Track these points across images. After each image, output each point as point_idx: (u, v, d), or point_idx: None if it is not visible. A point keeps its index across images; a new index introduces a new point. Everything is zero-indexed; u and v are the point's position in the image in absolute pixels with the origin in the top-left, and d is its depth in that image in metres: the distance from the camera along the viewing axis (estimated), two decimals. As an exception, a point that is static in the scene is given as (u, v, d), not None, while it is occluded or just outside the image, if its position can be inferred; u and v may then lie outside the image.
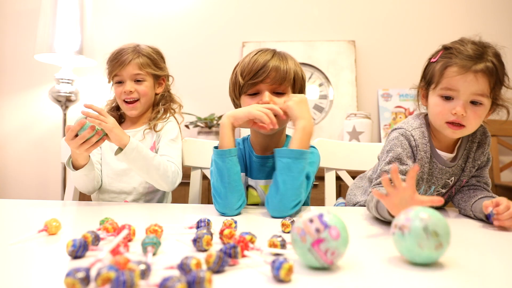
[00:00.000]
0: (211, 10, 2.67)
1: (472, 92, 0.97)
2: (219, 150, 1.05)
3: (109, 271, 0.49)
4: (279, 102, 1.10)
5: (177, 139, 1.41)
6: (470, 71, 0.96)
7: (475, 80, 0.96)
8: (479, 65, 0.96)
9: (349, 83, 2.54)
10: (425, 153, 1.06)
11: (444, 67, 1.00)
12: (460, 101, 0.98)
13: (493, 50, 1.00)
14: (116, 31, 2.67)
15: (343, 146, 1.50)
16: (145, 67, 1.39)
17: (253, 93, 1.12)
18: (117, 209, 1.13)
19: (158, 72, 1.44)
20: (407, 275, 0.58)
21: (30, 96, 2.68)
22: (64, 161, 1.29)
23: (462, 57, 0.97)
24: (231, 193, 1.04)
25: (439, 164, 1.08)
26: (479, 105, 0.98)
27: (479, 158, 1.10)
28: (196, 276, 0.49)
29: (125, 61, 1.36)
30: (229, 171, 1.05)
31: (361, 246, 0.76)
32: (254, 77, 1.09)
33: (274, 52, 1.13)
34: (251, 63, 1.10)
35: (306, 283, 0.54)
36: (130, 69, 1.37)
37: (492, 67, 0.96)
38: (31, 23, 2.54)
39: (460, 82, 0.97)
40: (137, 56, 1.38)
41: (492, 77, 0.97)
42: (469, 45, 0.99)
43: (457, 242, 0.74)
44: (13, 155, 2.68)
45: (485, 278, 0.58)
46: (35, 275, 0.58)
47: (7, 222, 0.97)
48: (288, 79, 1.11)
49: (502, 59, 1.00)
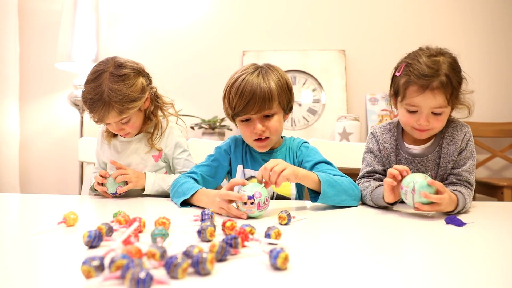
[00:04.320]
0: (214, 23, 2.66)
1: (432, 107, 1.02)
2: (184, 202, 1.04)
3: (121, 259, 0.49)
4: (272, 127, 1.11)
5: (184, 144, 1.35)
6: (427, 90, 0.99)
7: (432, 98, 1.00)
8: (435, 82, 0.99)
9: (339, 89, 2.53)
10: (389, 145, 1.15)
11: (405, 86, 1.04)
12: (423, 114, 1.03)
13: (448, 58, 1.02)
14: (128, 41, 2.67)
15: (334, 146, 1.50)
16: (123, 112, 1.17)
17: (245, 119, 1.12)
18: (128, 203, 1.13)
19: (138, 103, 1.20)
20: (399, 264, 0.58)
21: (51, 100, 2.67)
22: (80, 159, 1.28)
23: (419, 75, 1.00)
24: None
25: (404, 154, 1.13)
26: (440, 114, 1.03)
27: (453, 154, 1.08)
28: (200, 256, 0.49)
29: (102, 118, 1.18)
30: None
31: (355, 237, 0.76)
32: (243, 110, 1.08)
33: (258, 74, 1.09)
34: (238, 96, 1.08)
35: (301, 270, 0.54)
36: (110, 119, 1.19)
37: (446, 80, 0.99)
38: (52, 35, 2.54)
39: (419, 100, 1.01)
40: (111, 108, 1.15)
41: (448, 89, 1.00)
42: (425, 60, 1.01)
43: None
44: (36, 154, 2.67)
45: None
46: (55, 263, 0.58)
47: (30, 215, 0.97)
48: (274, 100, 1.09)
49: (459, 65, 1.04)
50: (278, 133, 1.16)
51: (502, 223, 0.89)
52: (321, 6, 2.63)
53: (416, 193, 0.89)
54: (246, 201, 0.87)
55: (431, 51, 1.04)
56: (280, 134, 1.18)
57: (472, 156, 1.09)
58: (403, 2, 2.60)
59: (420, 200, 0.89)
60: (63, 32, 2.27)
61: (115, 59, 1.22)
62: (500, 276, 0.54)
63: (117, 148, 1.33)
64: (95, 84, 1.16)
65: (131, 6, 2.67)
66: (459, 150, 1.08)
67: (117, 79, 1.16)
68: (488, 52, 2.54)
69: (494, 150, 2.43)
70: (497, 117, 2.50)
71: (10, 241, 0.70)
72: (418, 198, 0.89)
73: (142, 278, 0.43)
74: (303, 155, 1.19)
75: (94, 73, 1.19)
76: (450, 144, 1.09)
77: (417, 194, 0.89)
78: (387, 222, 0.89)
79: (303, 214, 0.94)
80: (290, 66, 2.55)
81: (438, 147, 1.10)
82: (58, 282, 0.50)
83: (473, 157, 1.09)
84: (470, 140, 1.10)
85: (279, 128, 1.14)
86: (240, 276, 0.51)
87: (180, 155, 1.33)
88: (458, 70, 1.03)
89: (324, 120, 2.51)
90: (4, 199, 1.18)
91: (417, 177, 0.91)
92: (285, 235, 0.72)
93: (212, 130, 2.41)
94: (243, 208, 0.88)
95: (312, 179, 0.99)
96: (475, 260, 0.61)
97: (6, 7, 2.47)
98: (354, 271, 0.54)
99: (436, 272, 0.53)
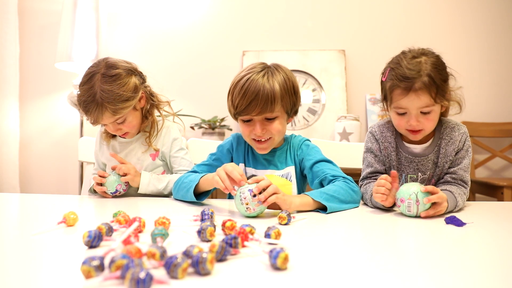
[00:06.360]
0: (214, 23, 2.66)
1: (418, 107, 1.03)
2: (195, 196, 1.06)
3: (121, 259, 0.49)
4: (273, 130, 1.11)
5: (182, 143, 1.35)
6: (411, 92, 1.01)
7: (417, 98, 1.01)
8: (417, 83, 1.00)
9: (339, 89, 2.53)
10: (389, 144, 1.15)
11: (391, 90, 1.06)
12: (412, 115, 1.04)
13: (431, 58, 1.04)
14: (128, 41, 2.67)
15: (334, 146, 1.50)
16: (117, 112, 1.17)
17: (247, 120, 1.12)
18: (128, 203, 1.13)
19: (131, 102, 1.20)
20: (399, 263, 0.58)
21: (50, 100, 2.67)
22: (80, 159, 1.29)
23: (401, 78, 1.02)
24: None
25: (404, 153, 1.13)
26: (429, 113, 1.04)
27: (451, 154, 1.10)
28: (200, 256, 0.49)
29: (96, 119, 1.18)
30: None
31: (355, 237, 0.76)
32: (245, 110, 1.08)
33: (264, 74, 1.08)
34: (241, 95, 1.07)
35: (301, 270, 0.53)
36: (105, 120, 1.20)
37: (428, 80, 1.00)
38: (52, 35, 2.54)
39: (405, 102, 1.03)
40: (105, 109, 1.15)
41: (432, 88, 1.00)
42: (406, 63, 1.03)
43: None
44: (36, 154, 2.67)
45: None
46: (55, 263, 0.58)
47: (30, 215, 0.97)
48: (276, 102, 1.07)
49: (443, 63, 1.05)
50: (280, 135, 1.15)
51: (502, 223, 0.89)
52: (321, 6, 2.63)
53: (420, 203, 0.90)
54: (255, 194, 0.87)
55: (413, 53, 1.06)
56: (282, 135, 1.17)
57: (467, 155, 1.10)
58: (403, 2, 2.60)
59: (425, 208, 0.91)
60: (63, 32, 2.27)
61: (106, 60, 1.22)
62: (500, 276, 0.54)
63: (116, 148, 1.34)
64: (88, 86, 1.17)
65: (131, 6, 2.67)
66: (457, 150, 1.10)
67: (109, 79, 1.16)
68: (488, 52, 2.54)
69: (494, 150, 2.43)
70: (497, 117, 2.50)
71: (10, 241, 0.70)
72: (423, 207, 0.91)
73: (142, 278, 0.43)
74: (303, 153, 1.19)
75: (87, 75, 1.21)
76: (448, 144, 1.10)
77: (422, 203, 0.90)
78: (387, 222, 0.89)
79: (303, 214, 0.94)
80: (290, 66, 2.55)
81: (436, 147, 1.11)
82: (58, 282, 0.50)
83: (469, 156, 1.11)
84: (467, 140, 1.11)
85: (282, 130, 1.14)
86: (240, 276, 0.51)
87: (177, 153, 1.33)
88: (442, 68, 1.04)
89: (324, 120, 2.51)
90: (4, 199, 1.18)
91: (413, 187, 0.93)
92: (285, 235, 0.72)
93: (212, 130, 2.41)
94: (252, 203, 0.87)
95: (307, 203, 0.97)
96: (475, 260, 0.61)
97: (6, 7, 2.47)
98: (354, 271, 0.54)
99: (436, 272, 0.53)
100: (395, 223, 0.87)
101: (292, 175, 1.18)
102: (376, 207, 1.04)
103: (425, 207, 0.91)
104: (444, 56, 1.08)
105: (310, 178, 1.14)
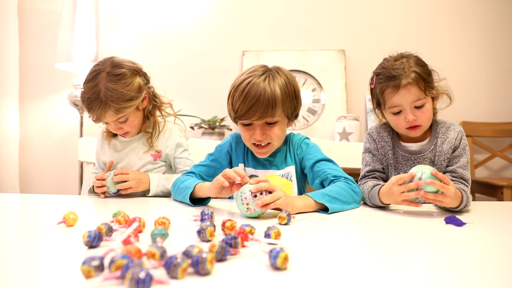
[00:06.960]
0: (214, 23, 2.66)
1: (411, 101, 1.08)
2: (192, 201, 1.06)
3: (121, 259, 0.49)
4: (274, 135, 1.10)
5: (185, 144, 1.36)
6: (401, 88, 1.08)
7: (408, 93, 1.08)
8: (405, 80, 1.07)
9: (339, 89, 2.53)
10: (386, 143, 1.19)
11: (381, 92, 1.12)
12: (407, 111, 1.09)
13: (413, 58, 1.12)
14: (127, 41, 2.67)
15: (334, 146, 1.50)
16: (120, 111, 1.18)
17: (247, 124, 1.11)
18: (128, 203, 1.13)
19: (134, 102, 1.21)
20: (399, 263, 0.58)
21: (50, 100, 2.67)
22: (80, 159, 1.29)
23: (389, 78, 1.09)
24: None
25: (400, 151, 1.17)
26: (422, 106, 1.09)
27: (448, 152, 1.12)
28: (199, 256, 0.49)
29: (99, 117, 1.20)
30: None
31: (355, 237, 0.76)
32: (246, 114, 1.07)
33: (265, 78, 1.07)
34: (241, 99, 1.06)
35: (301, 270, 0.54)
36: (108, 118, 1.21)
37: (415, 76, 1.07)
38: (52, 35, 2.54)
39: (397, 99, 1.09)
40: (108, 108, 1.17)
41: (419, 81, 1.08)
42: (389, 65, 1.11)
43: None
44: (36, 154, 2.67)
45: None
46: (55, 263, 0.58)
47: (30, 215, 0.97)
48: (277, 107, 1.06)
49: (422, 60, 1.13)
50: (280, 140, 1.15)
51: (502, 223, 0.89)
52: (321, 6, 2.63)
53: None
54: (256, 194, 0.87)
55: (394, 57, 1.14)
56: (282, 140, 1.17)
57: (465, 153, 1.12)
58: (403, 2, 2.60)
59: (426, 189, 0.91)
60: (63, 32, 2.27)
61: (112, 59, 1.24)
62: (500, 276, 0.54)
63: (117, 147, 1.34)
64: (92, 83, 1.18)
65: (131, 6, 2.67)
66: (453, 148, 1.12)
67: (114, 78, 1.18)
68: (488, 52, 2.54)
69: (493, 150, 2.44)
70: (497, 117, 2.50)
71: (10, 241, 0.70)
72: (424, 187, 0.91)
73: (142, 278, 0.43)
74: (303, 152, 1.18)
75: (92, 73, 1.22)
76: (444, 143, 1.13)
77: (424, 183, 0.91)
78: (387, 222, 0.89)
79: (303, 214, 0.94)
80: (290, 66, 2.55)
81: (433, 145, 1.14)
82: (58, 282, 0.50)
83: (466, 154, 1.12)
84: (463, 138, 1.14)
85: (281, 135, 1.13)
86: (240, 276, 0.51)
87: (181, 154, 1.34)
88: (423, 64, 1.12)
89: (323, 120, 2.51)
90: (4, 199, 1.18)
91: (425, 168, 0.93)
92: (285, 235, 0.72)
93: (212, 130, 2.41)
94: (253, 203, 0.87)
95: (309, 205, 0.96)
96: (475, 260, 0.61)
97: (6, 7, 2.47)
98: (354, 271, 0.54)
99: (435, 272, 0.53)
100: (395, 223, 0.87)
101: (293, 174, 1.18)
102: (374, 205, 1.05)
103: (426, 188, 0.90)
104: (444, 56, 1.11)
105: (311, 178, 1.14)
